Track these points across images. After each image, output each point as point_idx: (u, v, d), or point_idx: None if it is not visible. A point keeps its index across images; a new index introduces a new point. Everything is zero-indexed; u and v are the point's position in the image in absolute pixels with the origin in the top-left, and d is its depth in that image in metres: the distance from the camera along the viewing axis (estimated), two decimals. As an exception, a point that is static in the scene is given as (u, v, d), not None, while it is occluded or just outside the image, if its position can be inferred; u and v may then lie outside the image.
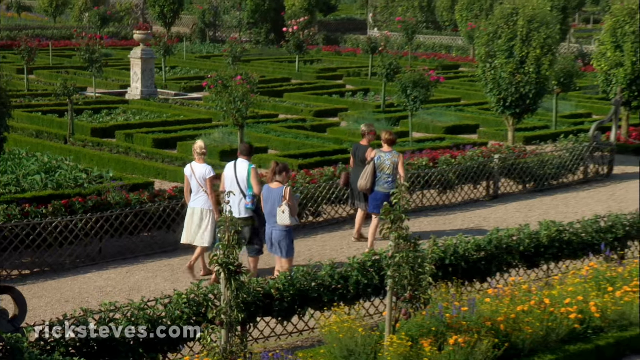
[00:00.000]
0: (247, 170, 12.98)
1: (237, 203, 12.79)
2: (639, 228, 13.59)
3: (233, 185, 12.91)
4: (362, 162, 14.81)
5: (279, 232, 12.46)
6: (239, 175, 12.98)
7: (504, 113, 20.69)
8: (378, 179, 14.42)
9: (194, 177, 13.26)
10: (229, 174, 13.10)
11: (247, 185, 12.93)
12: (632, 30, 21.86)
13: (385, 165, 14.39)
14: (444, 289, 11.06)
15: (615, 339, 10.68)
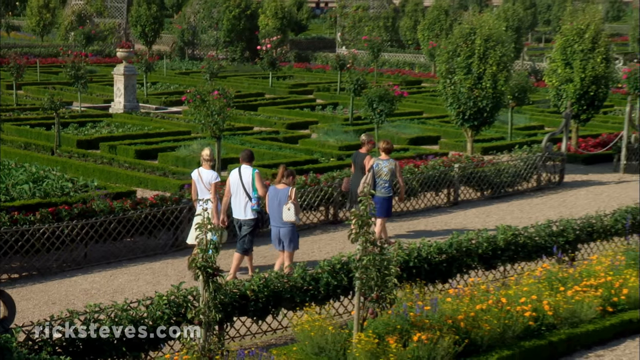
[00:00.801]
0: (252, 174, 13.20)
1: (243, 205, 13.15)
2: (588, 232, 13.69)
3: (239, 189, 13.17)
4: (362, 168, 15.07)
5: (285, 229, 12.85)
6: (244, 179, 13.19)
7: (463, 125, 20.79)
8: (376, 184, 14.74)
9: (201, 182, 13.50)
10: (234, 179, 13.30)
11: (252, 188, 13.15)
12: (580, 49, 22.03)
13: (383, 172, 14.75)
14: (408, 289, 11.09)
15: (566, 335, 10.74)
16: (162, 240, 14.71)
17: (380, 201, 14.57)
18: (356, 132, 23.98)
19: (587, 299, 11.13)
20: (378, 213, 14.16)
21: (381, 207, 14.56)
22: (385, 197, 14.80)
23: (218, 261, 9.14)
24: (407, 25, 47.78)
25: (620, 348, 10.99)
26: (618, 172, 21.29)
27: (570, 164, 21.18)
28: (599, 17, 23.15)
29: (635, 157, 21.48)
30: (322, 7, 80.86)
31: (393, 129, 24.62)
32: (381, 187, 14.77)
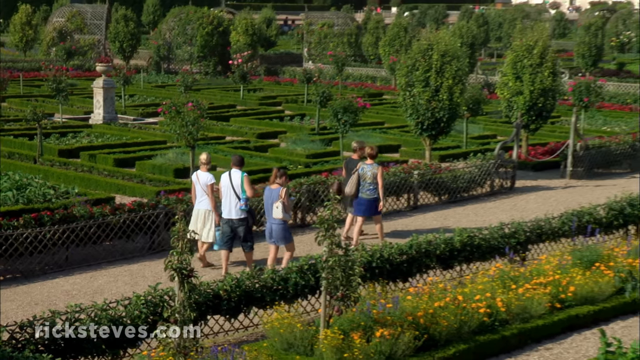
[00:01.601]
0: (241, 177, 13.46)
1: (233, 205, 13.38)
2: (537, 233, 13.80)
3: (229, 191, 13.41)
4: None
5: (276, 226, 13.18)
6: (234, 182, 13.42)
7: (422, 135, 20.88)
8: (361, 187, 15.00)
9: (199, 184, 13.81)
10: (225, 182, 13.51)
11: (241, 190, 13.37)
12: (529, 64, 22.21)
13: (367, 176, 14.95)
14: (371, 288, 11.12)
15: (518, 330, 10.80)
16: (140, 244, 14.65)
17: (366, 202, 14.97)
18: (322, 142, 24.03)
19: (537, 296, 11.21)
20: (363, 213, 15.01)
21: (366, 208, 15.01)
22: (371, 198, 15.01)
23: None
24: (369, 41, 47.97)
25: (568, 342, 11.08)
26: (565, 178, 21.48)
27: (520, 170, 21.33)
28: (546, 34, 23.36)
29: (580, 164, 21.68)
30: (290, 24, 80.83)
31: (357, 137, 24.65)
32: (366, 190, 14.97)
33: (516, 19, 59.51)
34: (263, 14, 66.55)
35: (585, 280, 11.86)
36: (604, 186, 20.62)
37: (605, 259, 12.56)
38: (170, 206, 14.65)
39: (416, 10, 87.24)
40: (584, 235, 13.87)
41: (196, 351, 9.04)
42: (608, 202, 15.22)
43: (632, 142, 23.02)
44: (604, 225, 14.71)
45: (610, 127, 28.55)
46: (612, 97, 34.59)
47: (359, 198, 15.07)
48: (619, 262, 12.61)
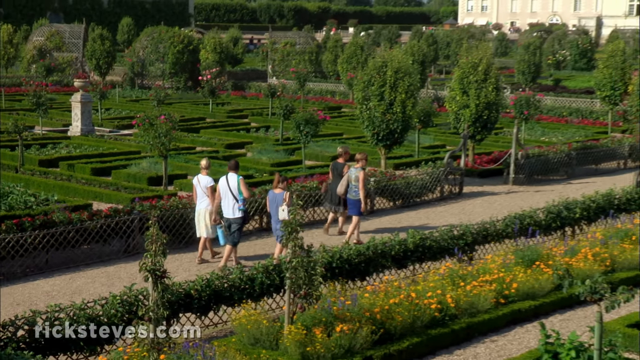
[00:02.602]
0: (237, 180, 13.68)
1: (232, 206, 13.63)
2: (483, 235, 13.90)
3: (227, 193, 13.67)
4: (340, 175, 15.80)
5: (282, 225, 13.04)
6: (231, 185, 13.66)
7: (378, 145, 20.95)
8: (349, 188, 15.46)
9: (200, 186, 14.18)
10: (222, 185, 13.75)
11: (238, 192, 13.62)
12: (475, 79, 22.39)
13: (352, 178, 15.43)
14: (331, 286, 11.12)
15: (466, 324, 10.87)
16: (116, 247, 14.52)
17: (352, 202, 15.43)
18: (285, 151, 24.02)
19: (483, 293, 11.28)
20: (351, 212, 15.47)
21: (352, 207, 15.46)
22: (356, 199, 15.40)
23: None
24: (329, 59, 48.08)
25: (511, 334, 11.17)
26: (508, 184, 21.66)
27: (468, 177, 21.48)
28: (489, 53, 23.57)
29: (521, 171, 21.89)
30: (255, 43, 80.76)
31: (318, 148, 24.70)
32: (352, 191, 15.42)
33: (462, 39, 59.89)
34: (230, 34, 66.38)
35: (526, 277, 11.98)
36: (543, 191, 20.83)
37: (544, 258, 12.70)
38: (144, 212, 14.55)
39: (371, 31, 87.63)
40: (526, 237, 13.99)
41: (169, 347, 8.97)
42: (547, 206, 15.37)
43: (568, 152, 23.29)
44: (543, 227, 14.84)
45: (548, 138, 28.86)
46: (550, 110, 35.00)
47: (348, 199, 15.58)
48: (557, 261, 12.74)
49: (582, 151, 23.65)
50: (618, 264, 13.34)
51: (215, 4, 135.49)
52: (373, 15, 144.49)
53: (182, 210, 15.03)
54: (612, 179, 21.99)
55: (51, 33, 48.79)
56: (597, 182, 21.73)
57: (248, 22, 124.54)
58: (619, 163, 24.81)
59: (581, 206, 15.53)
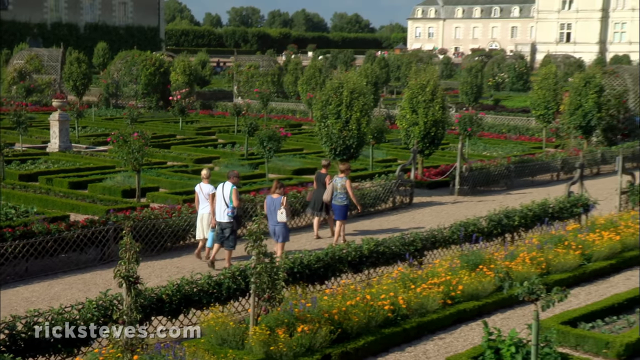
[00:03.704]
0: (230, 189, 14.06)
1: (223, 211, 14.01)
2: (432, 241, 13.97)
3: (220, 200, 14.07)
4: (323, 184, 16.34)
5: (279, 227, 14.07)
6: (224, 193, 14.06)
7: (335, 159, 20.96)
8: (335, 195, 15.91)
9: (202, 193, 14.58)
10: (218, 192, 14.19)
11: (229, 199, 13.99)
12: (423, 99, 22.54)
13: (337, 186, 15.92)
14: (293, 290, 11.09)
15: (417, 323, 10.90)
16: (92, 255, 14.31)
17: (338, 208, 15.87)
18: (250, 165, 23.95)
19: (432, 294, 11.33)
20: (336, 217, 15.90)
21: (338, 212, 15.87)
22: (342, 205, 15.84)
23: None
24: (290, 80, 48.12)
25: (457, 332, 11.23)
26: (453, 195, 21.80)
27: (417, 188, 21.59)
28: (436, 75, 23.78)
29: (466, 183, 22.06)
30: (222, 66, 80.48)
31: (280, 162, 24.67)
32: (337, 197, 15.87)
33: (411, 62, 60.48)
34: (198, 57, 66.13)
35: (471, 280, 12.06)
36: (485, 201, 21.01)
37: (487, 262, 12.79)
38: (118, 222, 14.38)
39: (328, 55, 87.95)
40: (470, 243, 14.09)
41: (142, 348, 8.86)
42: (489, 214, 15.48)
43: (507, 165, 23.54)
44: (486, 234, 14.95)
45: (489, 152, 29.18)
46: (491, 127, 35.36)
47: (333, 205, 15.97)
48: (498, 265, 12.85)
49: (519, 165, 23.92)
50: (552, 267, 13.51)
51: (184, 30, 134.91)
52: (330, 41, 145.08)
53: (154, 221, 14.88)
54: (547, 190, 22.25)
55: (31, 57, 48.10)
56: (533, 193, 21.96)
57: (215, 46, 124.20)
58: (553, 175, 25.14)
59: (519, 214, 15.69)
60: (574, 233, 14.91)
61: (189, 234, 15.61)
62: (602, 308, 11.50)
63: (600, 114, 28.34)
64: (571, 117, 28.62)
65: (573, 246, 14.15)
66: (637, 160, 26.97)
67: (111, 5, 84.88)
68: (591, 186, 21.45)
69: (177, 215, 15.32)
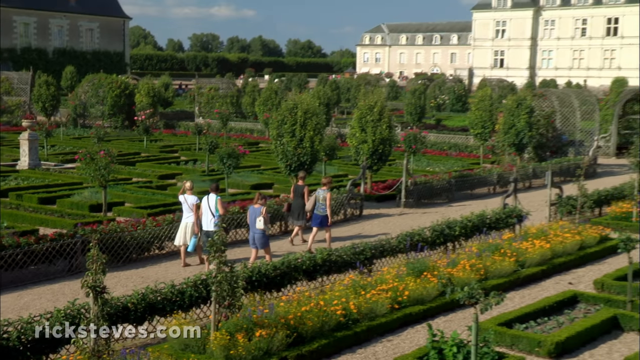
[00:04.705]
0: (215, 200, 14.38)
1: (209, 220, 14.32)
2: (380, 251, 14.01)
3: (207, 210, 14.40)
4: (300, 195, 16.86)
5: (258, 234, 14.40)
6: (210, 203, 14.40)
7: (290, 174, 20.93)
8: (317, 206, 16.41)
9: (187, 203, 14.71)
10: (203, 203, 14.49)
11: (215, 210, 14.33)
12: (371, 119, 22.71)
13: (320, 197, 16.46)
14: (252, 297, 11.02)
15: (366, 326, 10.91)
16: (60, 267, 14.02)
17: (319, 217, 16.34)
18: (211, 180, 23.73)
19: (381, 300, 11.37)
20: (317, 225, 16.36)
21: (319, 221, 16.36)
22: (323, 215, 16.33)
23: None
24: (248, 101, 48.00)
25: (404, 334, 11.27)
26: (400, 207, 21.93)
27: (367, 201, 21.69)
28: (382, 96, 23.97)
29: (411, 196, 22.23)
30: (184, 88, 79.94)
31: (239, 177, 24.56)
32: (319, 208, 16.35)
33: (360, 85, 60.91)
34: (162, 80, 65.59)
35: (416, 286, 12.13)
36: (429, 213, 21.19)
37: (431, 269, 12.88)
38: (85, 235, 14.13)
39: (284, 78, 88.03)
40: (415, 251, 14.18)
41: (108, 354, 8.69)
42: (432, 225, 15.58)
43: (448, 179, 23.80)
44: (430, 243, 15.06)
45: (432, 168, 29.47)
46: (433, 145, 35.74)
47: (315, 214, 16.43)
48: (441, 271, 12.94)
49: (459, 179, 24.20)
50: (490, 273, 13.67)
51: (148, 54, 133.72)
52: (285, 65, 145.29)
53: (120, 234, 14.67)
54: (484, 202, 22.53)
55: (1, 80, 47.17)
56: (472, 205, 22.23)
57: (177, 70, 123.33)
58: (489, 189, 25.48)
59: (460, 225, 15.85)
60: (509, 241, 15.12)
61: (153, 246, 15.42)
62: (535, 310, 11.68)
63: (531, 132, 28.87)
64: (505, 136, 29.10)
65: (508, 254, 14.33)
66: (564, 174, 27.54)
67: (78, 31, 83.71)
68: (524, 198, 21.82)
69: (141, 228, 15.14)
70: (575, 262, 15.56)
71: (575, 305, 12.38)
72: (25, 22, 79.11)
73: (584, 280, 14.43)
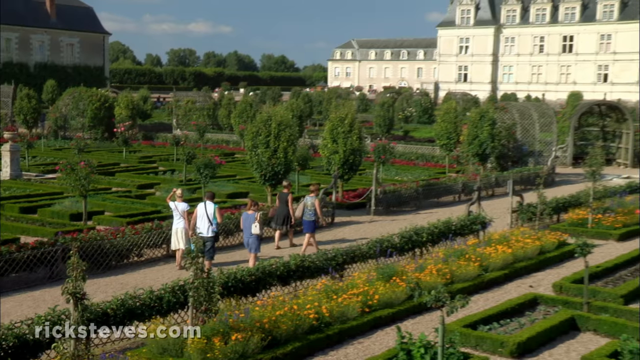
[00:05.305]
0: (213, 208, 14.54)
1: (207, 227, 14.40)
2: (351, 256, 14.02)
3: (203, 217, 14.44)
4: (285, 202, 17.01)
5: (252, 238, 14.67)
6: (208, 211, 14.47)
7: (265, 184, 20.91)
8: (305, 212, 16.71)
9: (177, 210, 14.85)
10: (200, 210, 14.50)
11: (213, 217, 14.45)
12: (342, 130, 22.76)
13: (308, 204, 16.79)
14: (228, 302, 10.95)
15: (338, 329, 10.91)
16: (41, 274, 13.81)
17: (307, 223, 16.61)
18: (188, 190, 23.60)
19: (352, 303, 11.37)
20: (306, 230, 16.60)
21: (307, 226, 16.60)
22: (311, 220, 16.60)
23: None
24: (224, 114, 47.84)
25: (374, 336, 11.28)
26: (370, 215, 21.98)
27: (338, 209, 21.72)
28: (353, 109, 24.06)
29: (380, 204, 22.30)
30: (162, 101, 79.42)
31: (215, 187, 24.41)
32: (307, 214, 16.66)
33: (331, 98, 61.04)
34: (140, 93, 65.11)
35: (386, 290, 12.16)
36: (397, 220, 21.25)
37: (399, 274, 12.92)
38: (66, 243, 13.94)
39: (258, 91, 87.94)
40: (385, 257, 14.21)
41: (88, 358, 8.57)
42: (401, 231, 15.63)
43: (416, 188, 23.92)
44: (398, 249, 15.07)
45: (401, 177, 29.59)
46: (401, 155, 35.92)
47: (304, 220, 16.69)
48: (409, 276, 12.99)
49: (426, 188, 24.34)
50: (456, 277, 13.74)
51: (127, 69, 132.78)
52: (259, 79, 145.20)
53: (100, 242, 14.51)
54: (450, 210, 22.69)
55: (-17, 92, 46.52)
56: (439, 212, 22.35)
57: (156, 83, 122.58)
58: (455, 197, 25.65)
59: (427, 231, 15.92)
60: (473, 247, 15.23)
61: (132, 253, 15.27)
62: (498, 312, 11.76)
63: (493, 143, 29.17)
64: (469, 146, 29.36)
65: (473, 259, 14.43)
66: (525, 183, 27.84)
67: (59, 46, 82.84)
68: (487, 206, 22.01)
69: (121, 236, 14.99)
70: (536, 266, 15.72)
71: (536, 307, 12.50)
72: (7, 38, 78.11)
73: (543, 284, 14.57)
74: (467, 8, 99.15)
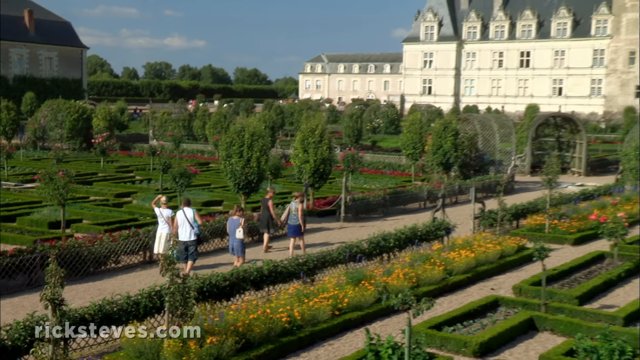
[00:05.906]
0: (192, 212, 14.65)
1: (188, 232, 14.55)
2: (322, 261, 14.00)
3: (185, 222, 14.56)
4: (267, 208, 17.28)
5: (237, 243, 14.91)
6: (187, 216, 14.61)
7: (239, 192, 20.82)
8: (290, 217, 16.83)
9: (162, 216, 15.01)
10: (180, 216, 14.63)
11: (193, 221, 14.57)
12: (313, 141, 22.78)
13: (293, 209, 16.88)
14: (203, 307, 10.87)
15: (310, 332, 10.89)
16: (20, 281, 13.56)
17: (292, 227, 16.72)
18: (165, 199, 23.38)
19: (322, 307, 11.37)
20: (291, 234, 16.73)
21: (293, 231, 16.73)
22: (295, 224, 16.71)
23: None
24: (199, 124, 47.59)
25: (344, 338, 11.28)
26: (340, 221, 22.01)
27: (309, 216, 21.67)
28: (323, 120, 24.09)
29: (350, 211, 22.34)
30: (139, 113, 78.71)
31: (191, 195, 24.21)
32: (292, 218, 16.74)
33: (302, 110, 61.12)
34: (118, 105, 64.54)
35: (355, 293, 12.17)
36: (366, 226, 21.30)
37: (368, 278, 12.95)
38: (44, 251, 13.72)
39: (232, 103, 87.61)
40: (354, 262, 14.23)
41: (66, 363, 8.43)
42: (369, 237, 15.67)
43: (383, 196, 24.01)
44: (367, 254, 15.10)
45: (369, 185, 29.67)
46: (369, 164, 36.01)
47: (289, 224, 16.84)
48: (377, 280, 13.02)
49: (393, 195, 24.45)
50: (422, 281, 13.81)
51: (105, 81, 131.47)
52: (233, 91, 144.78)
53: (78, 249, 14.30)
54: (416, 216, 22.82)
55: (-37, 104, 45.58)
56: (405, 219, 22.45)
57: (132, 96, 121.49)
58: (420, 204, 25.80)
59: (394, 237, 15.98)
60: (438, 252, 15.33)
61: (109, 260, 15.07)
62: (461, 314, 11.85)
63: (456, 153, 29.44)
64: (434, 156, 29.59)
65: (437, 263, 14.53)
66: (486, 191, 28.13)
67: (38, 59, 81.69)
68: (451, 213, 22.18)
69: (99, 244, 14.80)
70: (497, 269, 15.88)
71: (497, 309, 12.62)
72: (-14, 51, 76.89)
73: (504, 286, 14.72)
74: (430, 25, 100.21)
